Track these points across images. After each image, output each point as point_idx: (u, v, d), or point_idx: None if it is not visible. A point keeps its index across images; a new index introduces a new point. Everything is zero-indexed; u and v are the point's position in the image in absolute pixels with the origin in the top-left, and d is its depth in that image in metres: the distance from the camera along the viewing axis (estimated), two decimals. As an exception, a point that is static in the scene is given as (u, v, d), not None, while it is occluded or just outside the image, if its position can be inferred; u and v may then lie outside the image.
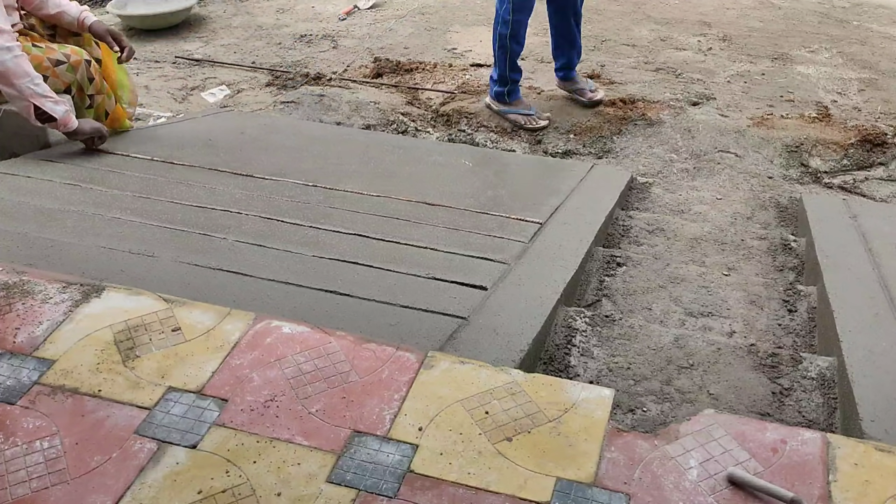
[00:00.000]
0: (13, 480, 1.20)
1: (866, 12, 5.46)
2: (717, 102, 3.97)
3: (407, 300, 1.77)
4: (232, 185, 2.43)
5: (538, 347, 1.74)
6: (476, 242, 2.14)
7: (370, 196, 2.42)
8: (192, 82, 4.29)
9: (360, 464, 1.24)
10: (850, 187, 3.27)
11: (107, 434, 1.28)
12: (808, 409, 1.65)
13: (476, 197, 2.48)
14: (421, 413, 1.34)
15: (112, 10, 5.02)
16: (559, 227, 2.31)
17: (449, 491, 1.21)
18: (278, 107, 3.86)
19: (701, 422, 1.35)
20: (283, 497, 1.19)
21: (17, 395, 1.35)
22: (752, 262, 2.54)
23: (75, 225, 2.04)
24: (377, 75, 4.36)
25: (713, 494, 1.21)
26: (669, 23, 5.07)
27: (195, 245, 1.98)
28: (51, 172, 2.39)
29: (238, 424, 1.31)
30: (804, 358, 1.78)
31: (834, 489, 1.23)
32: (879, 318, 1.85)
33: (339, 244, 2.04)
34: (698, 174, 3.28)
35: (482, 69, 4.37)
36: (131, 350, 1.46)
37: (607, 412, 1.37)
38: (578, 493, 1.21)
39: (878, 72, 4.42)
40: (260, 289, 1.78)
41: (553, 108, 3.81)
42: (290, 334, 1.51)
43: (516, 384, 1.42)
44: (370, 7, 5.46)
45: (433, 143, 3.51)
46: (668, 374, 1.72)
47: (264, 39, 4.95)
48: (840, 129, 3.65)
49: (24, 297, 1.59)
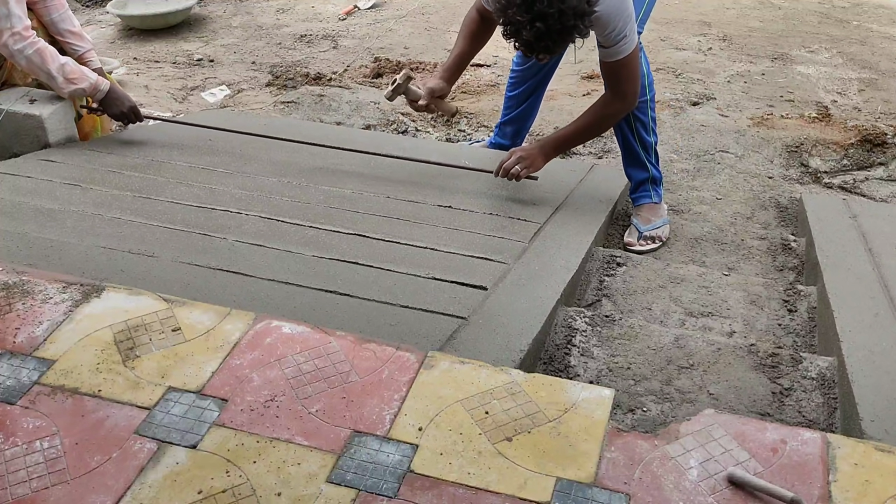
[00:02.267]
0: (13, 480, 1.20)
1: (866, 12, 5.46)
2: (717, 102, 3.97)
3: (407, 300, 1.77)
4: (232, 185, 2.43)
5: (538, 347, 1.74)
6: (476, 242, 2.14)
7: (370, 196, 2.42)
8: (192, 82, 4.29)
9: (360, 464, 1.24)
10: (850, 187, 3.27)
11: (107, 434, 1.28)
12: (808, 409, 1.65)
13: (476, 197, 2.48)
14: (421, 413, 1.34)
15: (112, 10, 5.02)
16: (559, 227, 2.31)
17: (449, 491, 1.21)
18: (278, 107, 3.86)
19: (701, 422, 1.36)
20: (284, 497, 1.19)
21: (17, 395, 1.35)
22: (752, 262, 2.54)
23: (75, 225, 2.04)
24: (377, 75, 4.36)
25: (713, 494, 1.21)
26: (669, 23, 5.08)
27: (195, 245, 1.98)
28: (51, 172, 2.39)
29: (238, 424, 1.31)
30: (804, 358, 1.78)
31: (834, 489, 1.23)
32: (879, 318, 1.85)
33: (339, 244, 2.04)
34: (698, 174, 3.28)
35: (482, 69, 4.37)
36: (131, 350, 1.46)
37: (607, 412, 1.37)
38: (578, 493, 1.21)
39: (878, 72, 4.42)
40: (260, 289, 1.78)
41: (553, 109, 3.81)
42: (290, 334, 1.52)
43: (516, 384, 1.42)
44: (370, 7, 5.46)
45: (433, 142, 3.51)
46: (668, 374, 1.72)
47: (264, 39, 4.95)
48: (840, 129, 3.65)
49: (24, 297, 1.59)
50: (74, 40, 2.69)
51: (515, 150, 2.45)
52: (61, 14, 2.66)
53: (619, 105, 2.39)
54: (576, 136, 2.47)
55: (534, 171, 2.43)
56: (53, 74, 2.50)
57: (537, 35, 2.05)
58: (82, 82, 2.56)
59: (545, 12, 2.00)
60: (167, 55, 4.69)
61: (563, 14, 2.00)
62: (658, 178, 2.74)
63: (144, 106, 3.79)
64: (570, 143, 2.52)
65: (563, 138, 2.47)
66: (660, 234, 2.65)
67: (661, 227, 2.66)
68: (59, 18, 2.65)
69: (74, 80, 2.54)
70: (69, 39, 2.68)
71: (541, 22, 2.02)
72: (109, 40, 4.93)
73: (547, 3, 1.99)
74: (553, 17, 2.01)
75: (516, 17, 2.03)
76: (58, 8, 2.65)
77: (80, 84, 2.56)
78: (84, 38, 2.73)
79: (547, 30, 2.02)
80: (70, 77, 2.53)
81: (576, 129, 2.44)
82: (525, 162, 2.41)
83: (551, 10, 1.99)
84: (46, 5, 2.62)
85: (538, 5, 2.00)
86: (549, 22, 2.01)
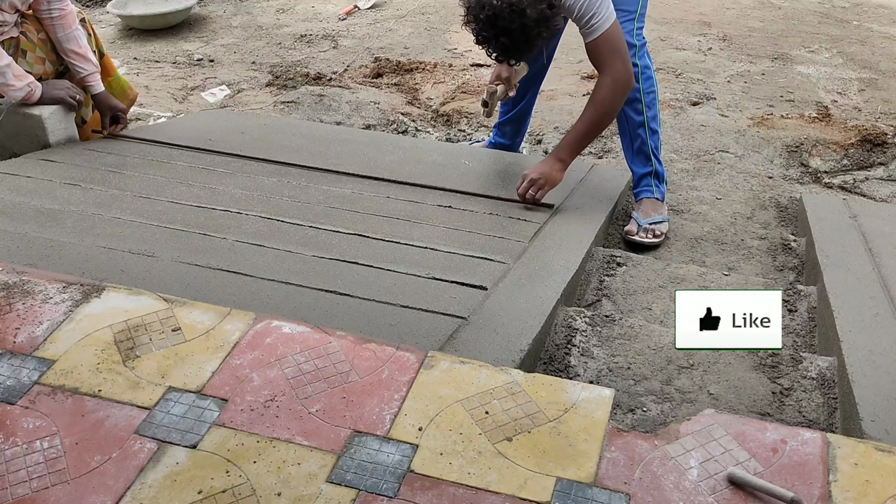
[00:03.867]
0: (13, 480, 1.20)
1: (866, 12, 5.46)
2: (717, 102, 3.97)
3: (407, 300, 1.77)
4: (232, 185, 2.43)
5: (538, 347, 1.74)
6: (476, 242, 2.13)
7: (370, 196, 2.42)
8: (192, 82, 4.29)
9: (360, 464, 1.24)
10: (850, 187, 3.27)
11: (107, 434, 1.28)
12: (808, 409, 1.65)
13: (476, 197, 2.48)
14: (421, 413, 1.34)
15: (112, 10, 5.02)
16: (559, 227, 2.30)
17: (449, 491, 1.21)
18: (278, 107, 3.86)
19: (701, 422, 1.35)
20: (284, 497, 1.19)
21: (17, 394, 1.35)
22: (752, 262, 2.54)
23: (75, 225, 2.04)
24: (377, 75, 4.36)
25: (713, 494, 1.21)
26: (669, 23, 5.08)
27: (195, 245, 1.98)
28: (51, 172, 2.39)
29: (238, 424, 1.31)
30: (804, 358, 1.78)
31: (834, 489, 1.23)
32: (879, 318, 1.85)
33: (339, 244, 2.04)
34: (698, 174, 3.28)
35: (482, 69, 4.37)
36: (131, 350, 1.46)
37: (607, 412, 1.37)
38: (578, 493, 1.21)
39: (878, 72, 4.42)
40: (260, 289, 1.78)
41: (553, 109, 3.81)
42: (290, 334, 1.51)
43: (516, 384, 1.42)
44: (370, 7, 5.46)
45: (433, 142, 3.51)
46: (668, 374, 1.72)
47: (264, 39, 4.95)
48: (840, 129, 3.65)
49: (24, 297, 1.59)
50: (78, 61, 2.64)
51: (527, 174, 2.41)
52: (67, 34, 2.61)
53: (612, 84, 2.31)
54: (587, 131, 2.40)
55: (550, 185, 2.40)
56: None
57: (504, 48, 2.12)
58: (19, 90, 2.51)
59: (508, 28, 2.05)
60: (167, 55, 4.69)
61: (526, 27, 2.05)
62: (661, 173, 2.72)
63: (144, 106, 3.80)
64: (583, 140, 2.43)
65: (574, 139, 2.41)
66: (661, 228, 2.63)
67: (661, 222, 2.65)
68: (65, 38, 2.61)
69: (12, 84, 2.49)
70: (73, 60, 2.64)
71: (505, 37, 2.08)
72: (110, 40, 4.93)
73: (508, 19, 2.03)
74: (516, 32, 2.06)
75: (482, 32, 2.10)
76: (64, 27, 2.60)
77: (18, 91, 2.51)
78: (88, 59, 2.66)
79: (512, 42, 2.08)
80: (9, 81, 2.47)
81: (584, 125, 2.38)
82: (538, 183, 2.39)
83: (513, 25, 2.04)
84: (53, 24, 2.59)
85: (500, 22, 2.05)
86: (513, 36, 2.07)
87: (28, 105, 2.59)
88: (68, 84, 2.66)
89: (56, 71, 2.68)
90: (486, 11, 2.07)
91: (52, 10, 2.58)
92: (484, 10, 2.07)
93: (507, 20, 2.03)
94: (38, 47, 2.60)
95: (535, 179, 2.39)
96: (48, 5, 2.57)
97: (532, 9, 2.04)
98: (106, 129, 2.78)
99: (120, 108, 2.77)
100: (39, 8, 2.58)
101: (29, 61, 2.57)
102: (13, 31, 2.54)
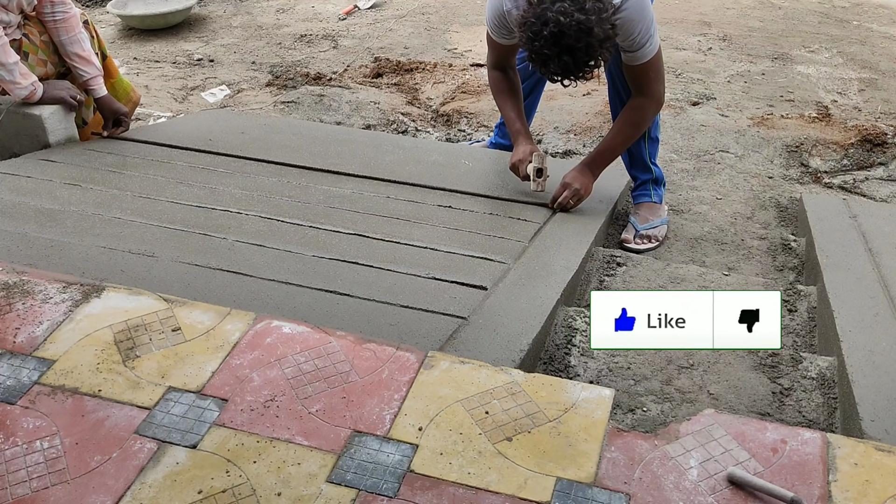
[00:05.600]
0: (13, 480, 1.20)
1: (866, 12, 5.46)
2: (717, 102, 3.97)
3: (407, 300, 1.77)
4: (232, 185, 2.43)
5: (538, 347, 1.74)
6: (476, 242, 2.14)
7: (370, 196, 2.42)
8: (192, 82, 4.29)
9: (360, 464, 1.24)
10: (850, 187, 3.27)
11: (107, 434, 1.28)
12: (808, 409, 1.65)
13: (476, 197, 2.48)
14: (421, 413, 1.34)
15: (112, 10, 5.02)
16: (559, 227, 2.31)
17: (449, 491, 1.21)
18: (278, 107, 3.86)
19: (701, 422, 1.36)
20: (284, 497, 1.19)
21: (17, 394, 1.35)
22: (752, 262, 2.54)
23: (75, 225, 2.04)
24: (377, 75, 4.36)
25: (713, 494, 1.21)
26: (669, 23, 5.08)
27: (195, 245, 1.98)
28: (51, 172, 2.39)
29: (238, 424, 1.31)
30: (804, 358, 1.78)
31: (834, 489, 1.23)
32: (879, 318, 1.85)
33: (339, 244, 2.04)
34: (698, 174, 3.28)
35: (482, 69, 4.37)
36: (131, 350, 1.46)
37: (607, 412, 1.37)
38: (578, 492, 1.21)
39: (878, 72, 4.42)
40: (260, 289, 1.78)
41: (553, 109, 3.81)
42: (290, 334, 1.52)
43: (516, 384, 1.42)
44: (370, 7, 5.46)
45: (433, 142, 3.51)
46: (668, 374, 1.72)
47: (264, 39, 4.95)
48: (840, 129, 3.65)
49: (24, 297, 1.59)
50: (81, 65, 2.63)
51: (570, 183, 2.40)
52: (70, 37, 2.59)
53: (651, 106, 2.37)
54: (616, 146, 2.44)
55: (587, 196, 2.44)
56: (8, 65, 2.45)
57: (565, 67, 2.00)
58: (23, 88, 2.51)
59: (573, 46, 1.95)
60: (167, 55, 4.69)
61: (591, 46, 1.96)
62: (660, 178, 2.74)
63: (144, 106, 3.80)
64: (612, 154, 2.48)
65: (604, 153, 2.44)
66: (656, 233, 2.64)
67: (658, 226, 2.66)
68: (69, 41, 2.59)
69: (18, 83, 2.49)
70: (76, 63, 2.62)
71: (568, 56, 1.97)
72: (109, 40, 4.93)
73: (574, 36, 1.93)
74: (581, 51, 1.97)
75: (543, 50, 1.98)
76: (67, 30, 2.59)
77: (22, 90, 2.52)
78: (91, 63, 2.65)
79: (575, 62, 1.98)
80: (16, 79, 2.48)
81: (614, 140, 2.42)
82: (580, 193, 2.41)
83: (579, 44, 1.95)
84: (56, 27, 2.58)
85: (566, 40, 1.94)
86: (577, 55, 1.97)
87: (28, 105, 2.59)
88: (69, 84, 2.66)
89: (57, 73, 2.68)
90: (551, 28, 1.94)
91: (56, 13, 2.57)
92: (548, 26, 1.94)
93: (574, 38, 1.93)
94: (40, 49, 2.60)
95: (578, 190, 2.40)
96: (52, 8, 2.56)
97: (599, 28, 1.95)
98: (108, 131, 2.78)
99: (122, 112, 2.77)
100: (43, 11, 2.57)
101: (31, 63, 2.57)
102: (16, 34, 2.54)
